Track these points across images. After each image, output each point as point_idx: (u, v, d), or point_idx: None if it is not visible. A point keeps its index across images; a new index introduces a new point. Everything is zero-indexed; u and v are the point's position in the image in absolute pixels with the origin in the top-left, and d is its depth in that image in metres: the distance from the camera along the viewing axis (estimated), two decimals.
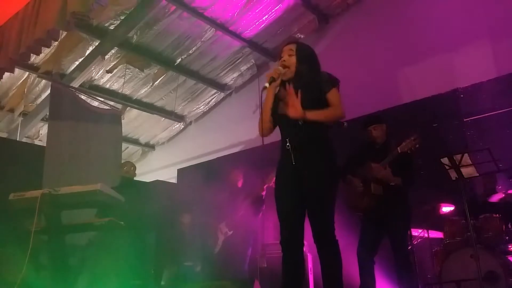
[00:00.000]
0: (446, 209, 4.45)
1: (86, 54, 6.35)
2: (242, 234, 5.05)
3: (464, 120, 4.93)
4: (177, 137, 8.81)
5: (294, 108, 2.41)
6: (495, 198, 4.26)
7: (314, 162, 2.42)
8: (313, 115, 2.42)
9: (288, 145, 2.47)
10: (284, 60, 2.58)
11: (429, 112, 5.11)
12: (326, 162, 2.45)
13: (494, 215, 3.93)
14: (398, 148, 3.56)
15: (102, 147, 5.93)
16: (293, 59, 2.57)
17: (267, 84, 2.51)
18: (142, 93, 7.57)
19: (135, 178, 5.23)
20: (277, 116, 2.58)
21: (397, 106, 5.37)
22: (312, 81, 2.53)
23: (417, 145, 3.52)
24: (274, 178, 2.60)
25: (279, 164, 2.59)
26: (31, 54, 4.45)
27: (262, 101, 2.56)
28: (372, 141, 3.84)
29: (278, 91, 2.61)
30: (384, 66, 5.94)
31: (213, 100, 8.11)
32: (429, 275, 4.27)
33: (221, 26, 6.46)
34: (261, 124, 2.55)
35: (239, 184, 5.42)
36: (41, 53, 4.79)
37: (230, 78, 7.70)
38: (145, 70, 7.04)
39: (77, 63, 6.46)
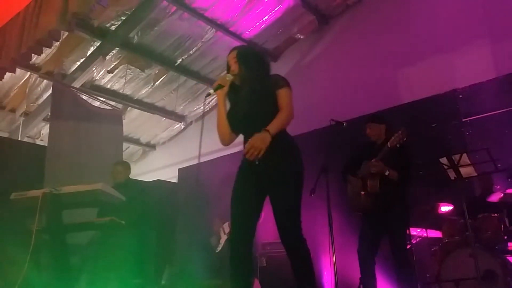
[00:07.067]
0: (445, 208, 4.45)
1: (88, 55, 6.37)
2: None
3: (463, 120, 4.94)
4: (177, 137, 8.83)
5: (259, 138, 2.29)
6: (494, 197, 4.25)
7: (277, 162, 2.34)
8: (275, 127, 2.33)
9: None
10: (233, 70, 2.53)
11: (428, 112, 5.11)
12: (289, 160, 2.39)
13: (493, 215, 3.93)
14: (388, 143, 3.58)
15: (103, 147, 5.95)
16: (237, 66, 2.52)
17: (211, 91, 2.50)
18: (143, 93, 7.59)
19: (134, 178, 5.23)
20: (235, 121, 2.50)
21: (396, 106, 5.38)
22: (257, 83, 2.45)
23: (405, 138, 3.52)
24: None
25: (240, 166, 2.52)
26: (33, 54, 4.46)
27: (206, 109, 2.50)
28: (369, 140, 3.87)
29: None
30: (383, 66, 5.95)
31: (213, 100, 8.06)
32: (428, 275, 4.27)
33: (222, 27, 6.48)
34: (220, 133, 2.53)
35: None
36: (42, 53, 4.81)
37: None
38: (146, 71, 7.05)
39: (78, 63, 6.49)
